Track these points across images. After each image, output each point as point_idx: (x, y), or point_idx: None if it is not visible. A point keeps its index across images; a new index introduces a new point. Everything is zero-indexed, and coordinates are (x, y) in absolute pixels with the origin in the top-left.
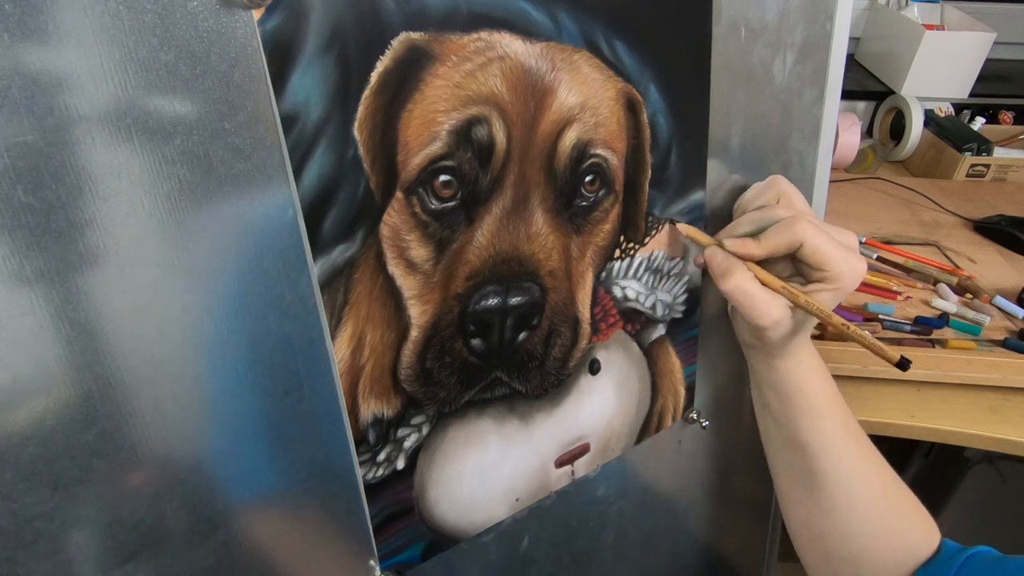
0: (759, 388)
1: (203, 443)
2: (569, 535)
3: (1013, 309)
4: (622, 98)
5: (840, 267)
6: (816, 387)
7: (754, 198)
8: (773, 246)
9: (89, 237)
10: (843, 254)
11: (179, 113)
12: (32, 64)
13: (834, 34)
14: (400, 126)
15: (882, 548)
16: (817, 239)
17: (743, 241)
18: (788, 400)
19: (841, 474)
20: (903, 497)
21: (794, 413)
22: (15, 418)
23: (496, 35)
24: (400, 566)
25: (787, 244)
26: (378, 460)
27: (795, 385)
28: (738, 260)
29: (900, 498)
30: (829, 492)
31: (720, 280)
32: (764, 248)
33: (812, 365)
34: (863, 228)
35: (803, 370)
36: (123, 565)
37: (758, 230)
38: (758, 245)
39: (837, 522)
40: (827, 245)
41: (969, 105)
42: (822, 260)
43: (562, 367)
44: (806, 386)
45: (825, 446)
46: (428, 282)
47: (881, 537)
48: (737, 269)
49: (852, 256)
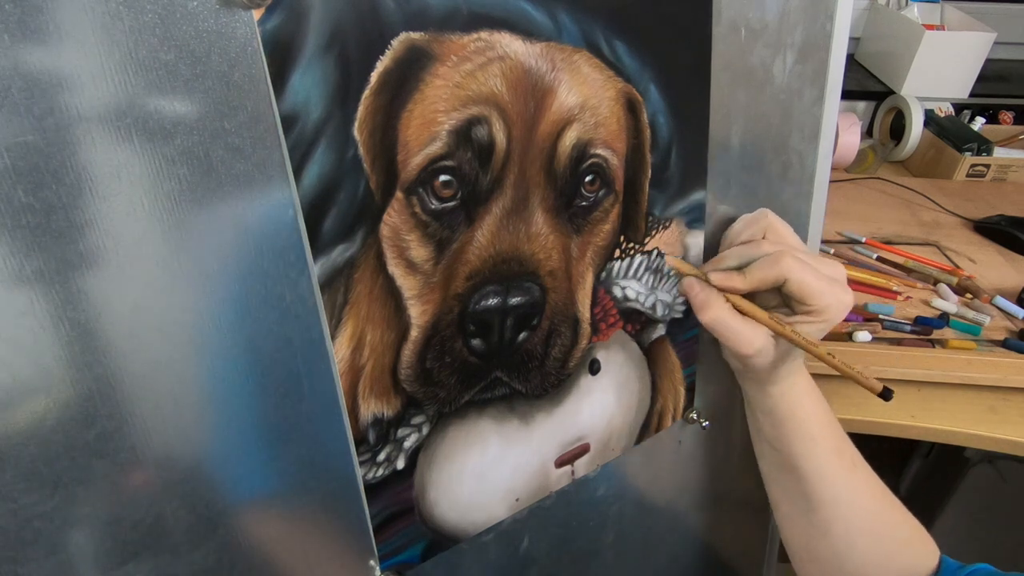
0: (752, 413)
1: (203, 443)
2: (569, 535)
3: (1013, 309)
4: (622, 98)
5: (825, 300)
6: (809, 412)
7: (741, 230)
8: (758, 281)
9: (89, 237)
10: (828, 287)
11: (179, 113)
12: (32, 64)
13: (834, 34)
14: (400, 126)
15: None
16: (801, 274)
17: (728, 275)
18: (781, 425)
19: (834, 498)
20: (900, 519)
21: (787, 437)
22: (15, 418)
23: (496, 35)
24: (400, 566)
25: (772, 279)
26: (378, 460)
27: (787, 410)
28: (716, 292)
29: (897, 520)
30: (824, 516)
31: (699, 312)
32: (748, 283)
33: (805, 389)
34: (863, 228)
35: (795, 395)
36: (123, 565)
37: (742, 263)
38: (743, 280)
39: (833, 545)
40: (812, 280)
41: (969, 105)
42: (807, 295)
43: (562, 367)
44: (799, 411)
45: (818, 470)
46: (428, 282)
47: (878, 560)
48: (714, 301)
49: (838, 289)
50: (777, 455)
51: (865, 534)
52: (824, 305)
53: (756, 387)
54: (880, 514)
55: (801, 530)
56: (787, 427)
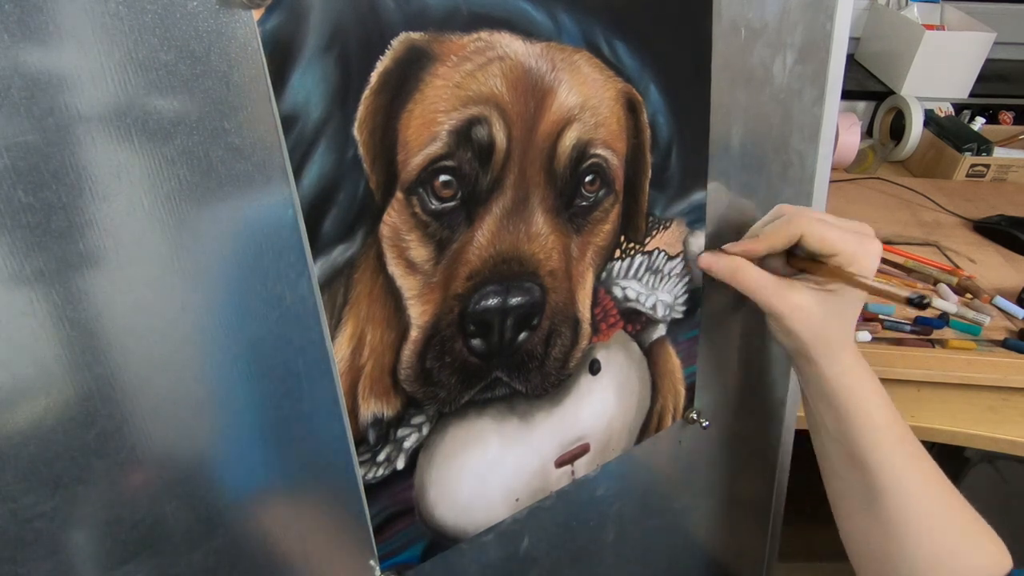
0: (812, 404)
1: (203, 443)
2: (569, 535)
3: (1013, 309)
4: (622, 98)
5: (851, 248)
6: (870, 397)
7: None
8: (772, 239)
9: (89, 237)
10: (851, 236)
11: (179, 113)
12: (32, 64)
13: (834, 34)
14: (400, 126)
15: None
16: (818, 227)
17: (742, 241)
18: (842, 413)
19: (901, 491)
20: (969, 518)
21: (850, 427)
22: (15, 418)
23: (496, 35)
24: (400, 566)
25: (787, 236)
26: (378, 460)
27: (847, 395)
28: (739, 257)
29: (966, 519)
30: (889, 510)
31: (729, 278)
32: (765, 243)
33: (862, 374)
34: None
35: (852, 378)
36: (123, 565)
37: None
38: (758, 241)
39: (897, 541)
40: (830, 231)
41: (969, 105)
42: (829, 246)
43: (562, 367)
44: (860, 396)
45: (884, 462)
46: (428, 282)
47: (943, 559)
48: (739, 263)
49: (863, 237)
50: (840, 448)
51: (932, 531)
52: (851, 253)
53: (812, 372)
54: (949, 511)
55: (863, 526)
56: (851, 416)
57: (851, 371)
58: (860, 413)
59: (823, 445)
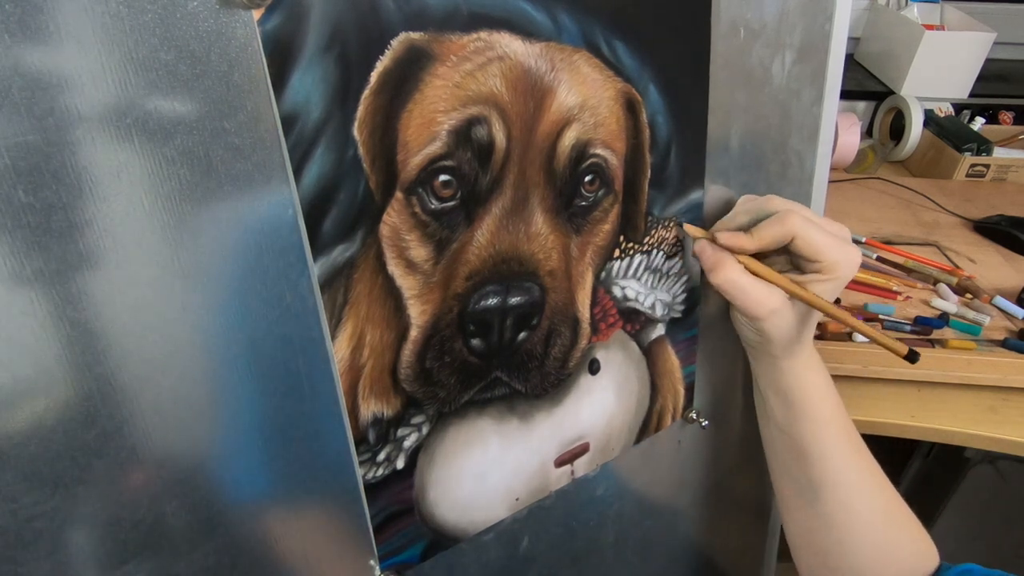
0: (763, 393)
1: (203, 443)
2: (569, 535)
3: (1013, 309)
4: (621, 98)
5: (834, 256)
6: (820, 391)
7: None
8: (766, 239)
9: (89, 237)
10: (836, 244)
11: (179, 113)
12: (32, 64)
13: (833, 34)
14: (400, 126)
15: (881, 565)
16: (809, 231)
17: (735, 235)
18: (791, 404)
19: (842, 484)
20: (904, 514)
21: (797, 419)
22: (15, 418)
23: (496, 35)
24: (400, 566)
25: (779, 237)
26: (378, 460)
27: (799, 387)
28: (727, 253)
29: (901, 515)
30: (830, 503)
31: (710, 274)
32: (756, 241)
33: (815, 368)
34: (863, 228)
35: (808, 373)
36: (123, 565)
37: (752, 221)
38: (750, 238)
39: (837, 535)
40: (820, 236)
41: (969, 105)
42: (816, 251)
43: (562, 367)
44: (810, 389)
45: (826, 454)
46: (428, 282)
47: (881, 553)
48: (726, 262)
49: (845, 245)
50: (786, 439)
51: (871, 525)
52: (833, 261)
53: (768, 363)
54: (887, 505)
55: (805, 520)
56: (798, 406)
57: (806, 364)
58: (808, 404)
59: (771, 437)
